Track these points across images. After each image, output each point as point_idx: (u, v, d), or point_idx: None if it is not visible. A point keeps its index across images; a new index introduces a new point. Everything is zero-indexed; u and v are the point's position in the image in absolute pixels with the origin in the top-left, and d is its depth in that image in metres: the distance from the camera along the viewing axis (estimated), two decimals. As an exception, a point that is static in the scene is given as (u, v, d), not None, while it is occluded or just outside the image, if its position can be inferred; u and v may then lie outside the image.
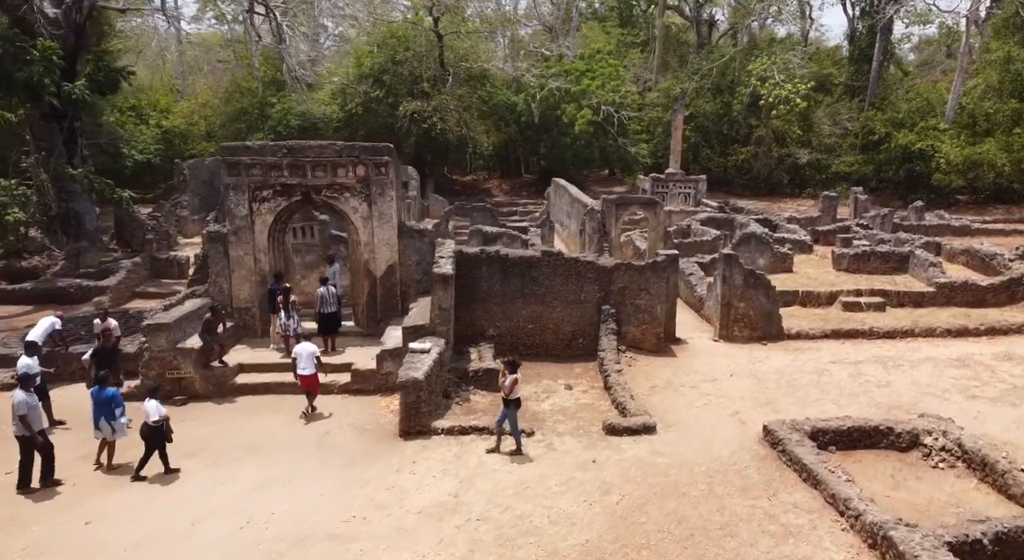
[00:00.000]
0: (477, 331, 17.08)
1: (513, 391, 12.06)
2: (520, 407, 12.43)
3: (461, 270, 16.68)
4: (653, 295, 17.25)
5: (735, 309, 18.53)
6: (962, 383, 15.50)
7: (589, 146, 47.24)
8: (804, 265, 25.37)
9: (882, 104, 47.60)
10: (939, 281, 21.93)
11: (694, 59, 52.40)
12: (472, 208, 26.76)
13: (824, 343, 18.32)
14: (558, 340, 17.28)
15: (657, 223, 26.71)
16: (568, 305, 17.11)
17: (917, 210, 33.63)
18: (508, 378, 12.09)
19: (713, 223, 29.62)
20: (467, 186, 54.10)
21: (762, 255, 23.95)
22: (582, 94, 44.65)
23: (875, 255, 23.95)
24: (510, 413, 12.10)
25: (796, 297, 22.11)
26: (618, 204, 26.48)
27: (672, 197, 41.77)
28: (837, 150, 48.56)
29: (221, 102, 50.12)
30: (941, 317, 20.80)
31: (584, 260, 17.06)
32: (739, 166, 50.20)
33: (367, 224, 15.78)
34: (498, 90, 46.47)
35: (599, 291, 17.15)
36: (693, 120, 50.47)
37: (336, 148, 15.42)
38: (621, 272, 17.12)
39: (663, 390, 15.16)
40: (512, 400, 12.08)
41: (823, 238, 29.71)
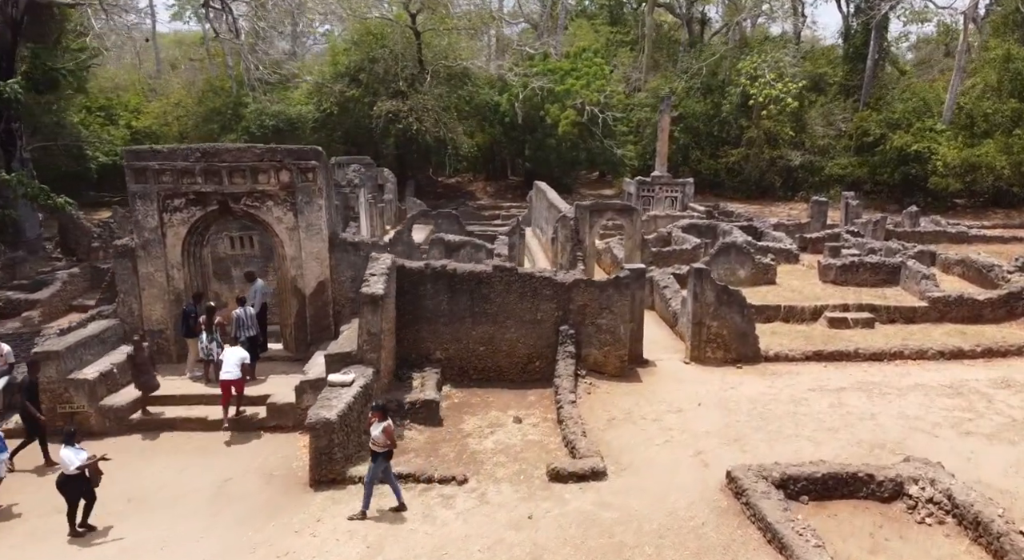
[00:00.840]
0: (422, 354, 15.52)
1: (386, 442, 10.22)
2: (392, 458, 10.51)
3: (404, 287, 15.14)
4: (616, 314, 15.68)
5: (707, 329, 16.97)
6: (955, 415, 13.93)
7: (575, 148, 45.66)
8: (789, 276, 23.81)
9: (877, 104, 46.05)
10: (932, 295, 20.37)
11: (684, 58, 50.82)
12: (437, 214, 25.19)
13: (804, 366, 16.76)
14: (512, 364, 15.71)
15: (634, 231, 25.14)
16: (523, 325, 15.55)
17: (911, 216, 32.07)
18: (377, 427, 10.23)
19: (695, 230, 28.06)
20: (451, 188, 52.54)
21: (743, 266, 22.40)
22: (566, 94, 43.08)
23: (864, 266, 22.39)
24: (376, 469, 10.21)
25: (778, 312, 20.58)
26: (592, 210, 24.91)
27: (658, 201, 40.24)
28: (831, 152, 47.00)
29: (194, 102, 48.55)
30: (934, 335, 19.27)
31: (540, 276, 15.50)
32: (730, 168, 48.63)
33: (293, 236, 14.23)
34: (480, 89, 44.89)
35: (557, 310, 15.59)
36: (682, 121, 48.92)
37: (256, 152, 13.85)
38: (581, 289, 15.56)
39: (622, 423, 13.59)
40: (382, 453, 10.23)
41: (811, 246, 28.15)
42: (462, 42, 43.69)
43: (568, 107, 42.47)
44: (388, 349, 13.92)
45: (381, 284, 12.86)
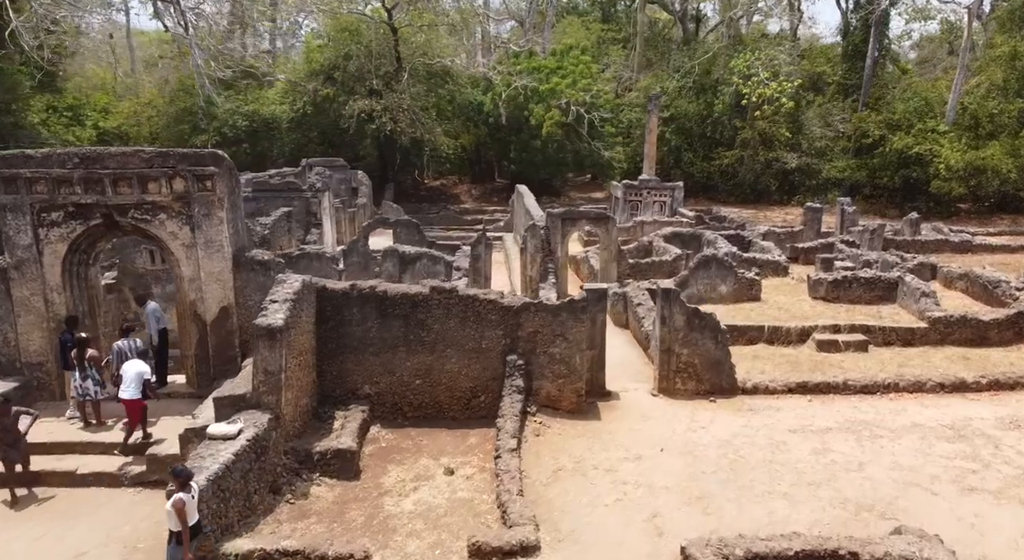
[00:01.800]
0: (349, 389, 13.63)
1: (176, 523, 8.21)
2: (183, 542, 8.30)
3: (326, 312, 13.27)
4: (571, 342, 13.77)
5: (676, 357, 15.05)
6: (956, 465, 12.01)
7: (561, 149, 43.76)
8: (776, 292, 21.87)
9: (877, 104, 44.05)
10: (932, 315, 18.45)
11: (676, 56, 48.87)
12: (396, 221, 23.29)
13: (786, 400, 14.84)
14: (453, 399, 13.81)
15: (609, 241, 23.25)
16: (466, 355, 13.65)
17: (912, 223, 30.11)
18: (171, 499, 8.25)
19: (678, 240, 26.14)
20: (435, 191, 50.67)
21: (724, 281, 20.49)
22: (551, 94, 41.17)
23: (858, 282, 20.46)
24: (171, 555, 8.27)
25: (762, 333, 18.68)
26: (565, 218, 23.02)
27: (646, 206, 38.35)
28: (828, 154, 45.03)
29: (165, 102, 46.78)
30: (934, 360, 17.39)
31: (484, 298, 13.59)
32: (724, 171, 46.68)
33: (191, 254, 12.33)
34: (461, 88, 42.98)
35: (504, 337, 13.69)
36: (674, 122, 47.03)
37: (144, 157, 11.93)
38: (530, 314, 13.65)
39: (570, 475, 11.68)
40: (176, 532, 8.27)
41: (804, 256, 26.22)
42: (442, 39, 41.77)
43: (553, 107, 40.55)
44: (299, 387, 12.03)
45: (282, 313, 10.95)
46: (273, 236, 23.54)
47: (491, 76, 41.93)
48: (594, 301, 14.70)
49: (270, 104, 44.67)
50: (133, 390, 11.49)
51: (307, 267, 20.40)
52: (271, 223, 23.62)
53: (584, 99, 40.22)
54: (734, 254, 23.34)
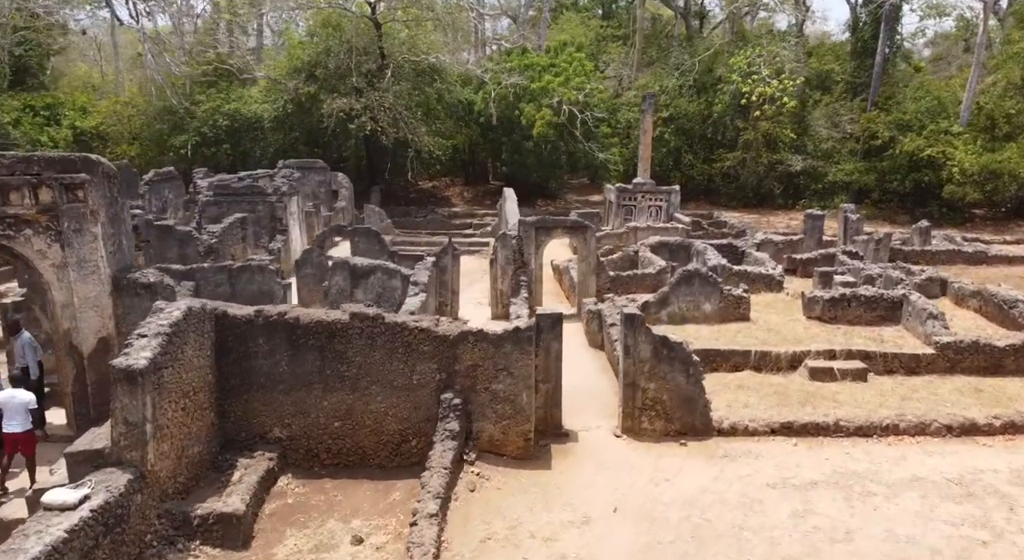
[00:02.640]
0: (256, 433, 11.82)
1: None
2: None
3: (228, 342, 11.48)
4: (517, 378, 11.91)
5: (643, 392, 13.15)
6: (963, 533, 10.06)
7: (555, 151, 41.81)
8: (767, 310, 19.89)
9: (887, 104, 41.87)
10: (940, 340, 16.44)
11: (676, 53, 46.82)
12: (354, 230, 21.46)
13: (768, 444, 12.91)
14: (379, 444, 11.98)
15: (587, 252, 21.36)
16: (394, 393, 11.82)
17: (922, 232, 28.01)
18: None
19: (665, 250, 24.21)
20: (425, 194, 48.83)
21: (709, 298, 18.55)
22: (542, 92, 39.26)
23: (858, 300, 18.46)
24: None
25: (748, 359, 16.73)
26: (538, 227, 21.17)
27: (640, 211, 36.41)
28: (835, 156, 42.87)
29: (145, 100, 45.27)
30: (942, 392, 15.42)
31: (415, 326, 11.74)
32: (725, 174, 44.65)
33: (62, 276, 10.60)
34: (450, 87, 41.13)
35: (439, 371, 11.84)
36: (673, 122, 45.04)
37: (4, 162, 10.16)
38: (469, 345, 11.80)
39: (500, 547, 9.82)
40: None
41: (802, 269, 24.21)
42: (429, 35, 39.93)
43: (544, 106, 38.64)
44: (184, 435, 10.22)
45: (149, 351, 9.13)
46: (223, 245, 21.78)
47: (480, 74, 40.08)
48: (547, 328, 12.83)
49: (253, 103, 43.00)
50: (19, 422, 10.30)
51: (248, 281, 18.66)
52: (219, 231, 21.83)
53: (577, 98, 38.28)
54: (723, 267, 21.41)
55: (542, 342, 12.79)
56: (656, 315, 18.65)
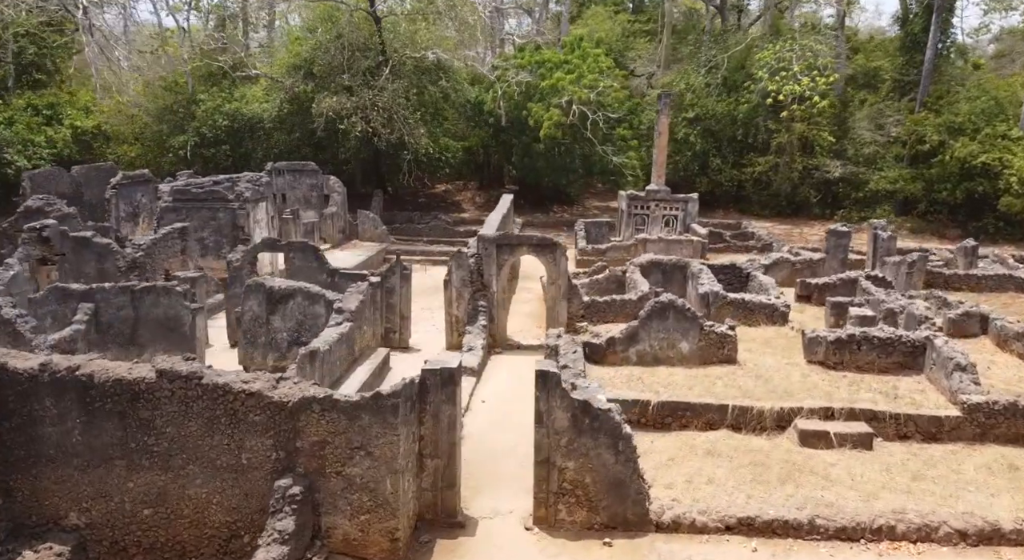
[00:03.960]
0: (49, 517, 9.34)
1: None
2: None
3: (10, 402, 9.05)
4: (379, 460, 9.15)
5: (560, 473, 10.26)
6: None
7: (568, 154, 38.86)
8: (763, 349, 16.64)
9: (937, 104, 37.65)
10: (969, 400, 13.10)
11: (705, 49, 43.29)
12: (289, 244, 18.97)
13: (720, 548, 9.89)
14: (203, 538, 9.37)
15: (557, 274, 18.45)
16: (218, 475, 9.20)
17: (966, 252, 24.23)
18: None
19: (658, 270, 21.10)
20: (435, 198, 46.39)
21: (686, 336, 15.46)
22: (552, 91, 36.34)
23: (869, 342, 15.14)
24: None
25: (724, 416, 13.67)
26: (500, 244, 18.38)
27: (654, 220, 33.23)
28: (878, 162, 38.84)
29: (148, 99, 43.82)
30: (966, 467, 12.21)
31: (241, 389, 9.07)
32: (756, 180, 41.01)
33: None
34: (456, 85, 38.50)
35: (276, 449, 9.17)
36: (700, 123, 41.61)
37: None
38: (315, 415, 9.09)
39: None
40: None
41: (817, 295, 20.80)
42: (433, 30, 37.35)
43: (552, 106, 35.72)
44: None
45: None
46: (152, 259, 19.52)
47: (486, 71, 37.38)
48: (435, 388, 10.04)
49: (253, 102, 41.11)
50: None
51: (153, 305, 16.37)
52: (148, 243, 19.57)
53: (588, 97, 35.22)
54: (715, 295, 18.25)
55: (430, 406, 10.03)
56: (623, 353, 15.67)
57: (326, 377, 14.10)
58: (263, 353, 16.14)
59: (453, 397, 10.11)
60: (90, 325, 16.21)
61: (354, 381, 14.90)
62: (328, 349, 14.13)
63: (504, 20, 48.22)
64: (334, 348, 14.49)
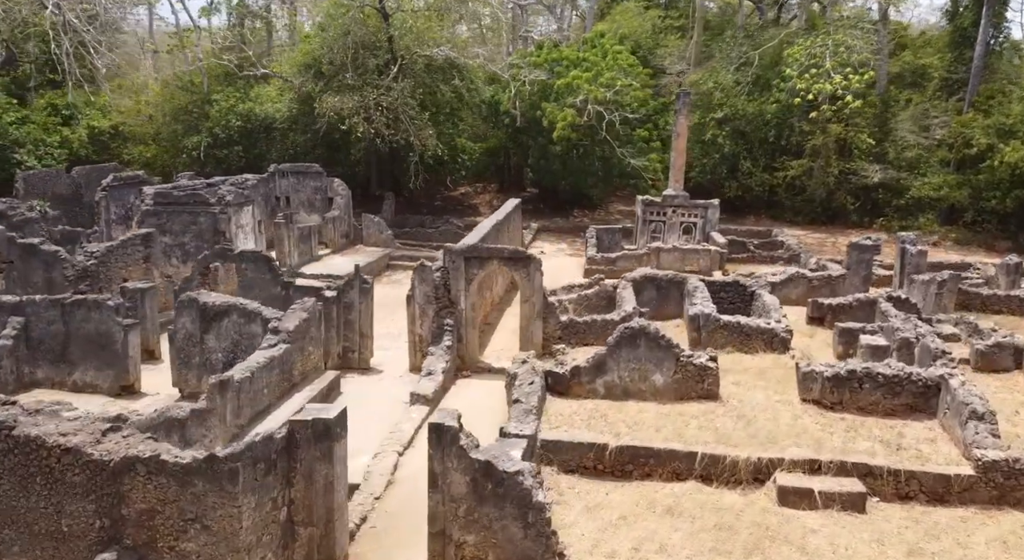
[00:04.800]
0: None
1: None
2: None
3: None
4: (217, 534, 7.57)
5: (458, 548, 8.55)
6: None
7: (587, 155, 36.91)
8: (754, 382, 14.58)
9: (986, 104, 34.56)
10: (985, 456, 10.96)
11: (735, 45, 40.79)
12: (240, 254, 17.59)
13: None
14: (20, 612, 7.93)
15: (531, 291, 16.70)
16: (37, 543, 7.79)
17: (1009, 270, 21.61)
18: None
19: (652, 286, 19.17)
20: (452, 202, 44.86)
21: (660, 366, 13.55)
22: (567, 90, 34.47)
23: (873, 380, 13.01)
24: None
25: (693, 465, 11.77)
26: (468, 257, 16.70)
27: (671, 227, 31.15)
28: (921, 166, 35.92)
29: (164, 99, 43.39)
30: (976, 541, 10.16)
31: (57, 443, 7.60)
32: (790, 184, 38.42)
33: None
34: (469, 84, 36.89)
35: (99, 516, 7.69)
36: (729, 123, 39.18)
37: None
38: (141, 479, 7.56)
39: None
40: None
41: (831, 318, 18.56)
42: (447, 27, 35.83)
43: (566, 106, 33.86)
44: None
45: None
46: (107, 268, 18.38)
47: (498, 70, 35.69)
48: (307, 442, 8.43)
49: (267, 102, 40.24)
50: None
51: (84, 320, 15.18)
52: (103, 250, 18.42)
53: (605, 96, 33.23)
54: (707, 317, 16.25)
55: (301, 464, 8.43)
56: (590, 385, 13.85)
57: (245, 409, 12.65)
58: (197, 375, 14.78)
59: (330, 454, 8.48)
60: (19, 341, 15.12)
61: (284, 412, 13.40)
62: (248, 377, 12.66)
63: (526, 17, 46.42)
64: (258, 375, 13.02)
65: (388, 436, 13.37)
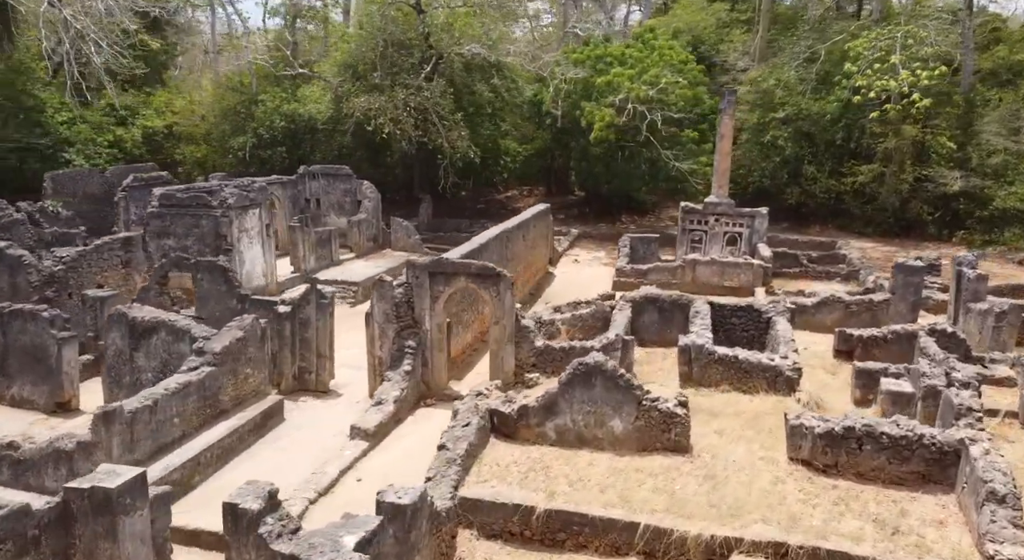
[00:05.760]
0: None
1: None
2: None
3: None
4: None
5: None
6: None
7: (633, 158, 34.68)
8: (738, 432, 12.24)
9: (1088, 103, 30.40)
10: (999, 554, 8.49)
11: (801, 39, 37.52)
12: (197, 264, 16.46)
13: None
14: None
15: (501, 311, 14.90)
16: None
17: (1089, 299, 18.19)
18: None
19: (653, 308, 17.00)
20: (495, 206, 43.31)
21: (619, 411, 11.52)
22: (608, 88, 32.33)
23: (875, 441, 10.57)
24: None
25: (633, 538, 9.72)
26: (433, 273, 15.03)
27: (714, 238, 28.60)
28: (1008, 174, 31.93)
29: (215, 100, 43.68)
30: None
31: None
32: (858, 191, 35.03)
33: None
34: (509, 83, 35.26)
35: None
36: (790, 124, 36.09)
37: None
38: None
39: None
40: None
41: (862, 351, 15.91)
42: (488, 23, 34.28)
43: (605, 105, 31.74)
44: None
45: None
46: (78, 273, 17.69)
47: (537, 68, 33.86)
48: (84, 516, 6.96)
49: (310, 103, 39.81)
50: None
51: (21, 331, 14.36)
52: (73, 255, 17.71)
53: (647, 94, 30.91)
54: (699, 348, 14.02)
55: (80, 541, 6.99)
56: (539, 428, 11.96)
57: (144, 442, 11.40)
58: (128, 395, 13.68)
59: (114, 530, 6.96)
60: (-43, 351, 14.46)
61: (199, 443, 12.12)
62: (147, 406, 11.40)
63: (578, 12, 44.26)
64: (164, 403, 11.76)
65: (307, 479, 11.86)
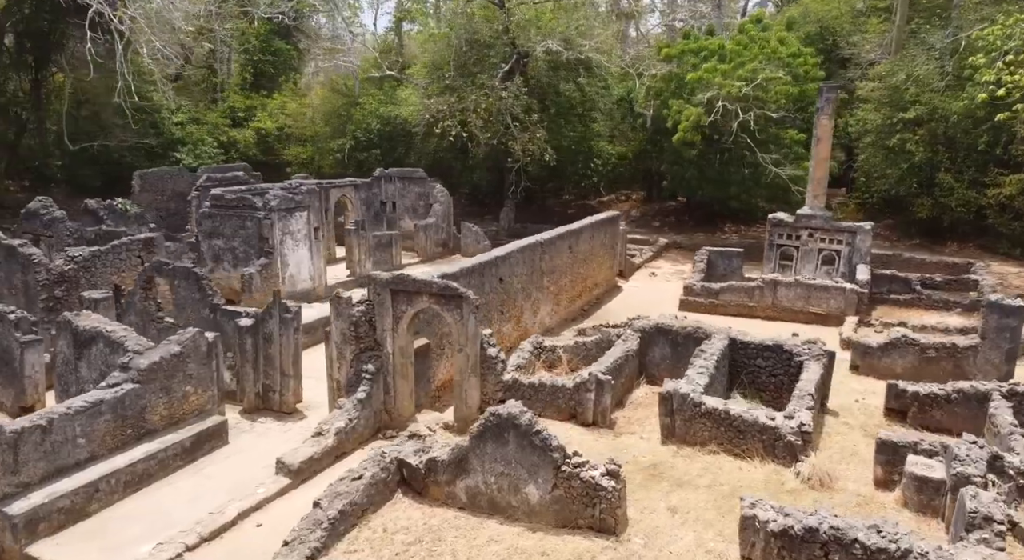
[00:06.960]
0: None
1: None
2: None
3: None
4: None
5: None
6: None
7: (732, 162, 31.45)
8: (698, 510, 9.66)
9: None
10: None
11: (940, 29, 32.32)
12: (174, 269, 15.76)
13: None
14: None
15: (465, 339, 13.10)
16: None
17: None
18: None
19: (665, 340, 14.46)
20: (588, 212, 40.88)
21: (534, 477, 9.41)
22: (699, 84, 29.32)
23: (843, 550, 7.79)
24: None
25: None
26: (396, 291, 13.47)
27: (805, 255, 25.10)
28: None
29: (323, 101, 44.65)
30: None
31: None
32: (1005, 205, 29.72)
33: None
34: (597, 81, 33.00)
35: None
36: (923, 125, 31.23)
37: None
38: None
39: None
40: None
41: (917, 412, 12.59)
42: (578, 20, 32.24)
43: (693, 104, 28.77)
44: None
45: None
46: (92, 274, 17.73)
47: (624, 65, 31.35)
48: None
49: (405, 105, 39.57)
50: None
51: (-11, 334, 14.25)
52: (86, 256, 17.74)
53: (740, 92, 27.64)
54: (684, 399, 11.49)
55: None
56: (449, 488, 10.10)
57: (34, 464, 10.66)
58: (73, 405, 13.22)
59: None
60: (-70, 351, 14.64)
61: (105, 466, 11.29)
62: (38, 426, 10.66)
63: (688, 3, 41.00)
64: (61, 423, 10.97)
65: (199, 520, 10.66)
